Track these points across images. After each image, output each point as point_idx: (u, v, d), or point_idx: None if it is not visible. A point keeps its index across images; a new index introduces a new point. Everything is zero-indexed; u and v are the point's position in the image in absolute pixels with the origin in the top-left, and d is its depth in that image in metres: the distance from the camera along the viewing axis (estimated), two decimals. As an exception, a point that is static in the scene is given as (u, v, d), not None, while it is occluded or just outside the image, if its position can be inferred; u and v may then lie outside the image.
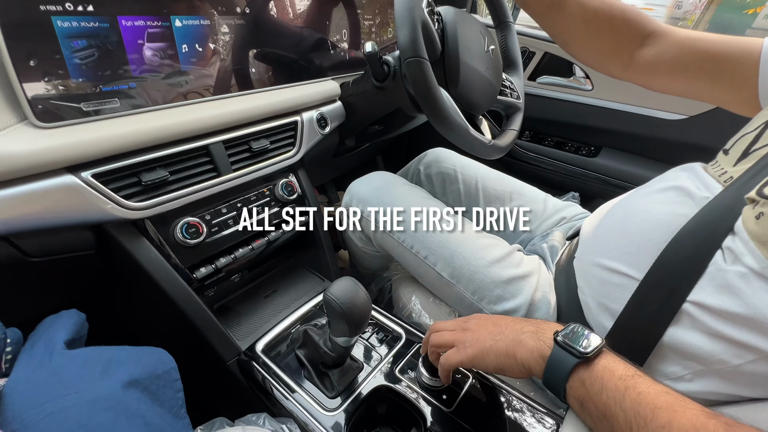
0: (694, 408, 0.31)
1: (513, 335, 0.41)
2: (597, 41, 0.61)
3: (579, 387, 0.35)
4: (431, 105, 0.55)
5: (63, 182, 0.44)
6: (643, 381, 0.33)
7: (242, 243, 0.65)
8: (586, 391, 0.35)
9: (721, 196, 0.41)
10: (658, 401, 0.31)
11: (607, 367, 0.35)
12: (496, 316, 0.46)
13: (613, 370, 0.34)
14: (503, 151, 0.67)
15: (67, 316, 0.43)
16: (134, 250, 0.53)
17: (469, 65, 0.63)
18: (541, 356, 0.38)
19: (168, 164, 0.54)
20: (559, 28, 0.63)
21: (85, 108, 0.47)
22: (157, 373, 0.40)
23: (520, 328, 0.42)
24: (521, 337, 0.40)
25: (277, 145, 0.68)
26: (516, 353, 0.40)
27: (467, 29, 0.64)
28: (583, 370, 0.35)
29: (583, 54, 0.65)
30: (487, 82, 0.67)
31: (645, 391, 0.32)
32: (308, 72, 0.76)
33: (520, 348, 0.40)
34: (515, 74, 0.78)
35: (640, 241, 0.46)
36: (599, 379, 0.34)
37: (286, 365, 0.57)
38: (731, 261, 0.38)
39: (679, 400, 0.31)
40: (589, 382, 0.35)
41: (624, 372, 0.34)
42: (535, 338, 0.40)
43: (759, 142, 0.43)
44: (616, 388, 0.33)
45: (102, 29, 0.47)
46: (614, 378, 0.34)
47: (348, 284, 0.47)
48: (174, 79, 0.56)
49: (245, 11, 0.62)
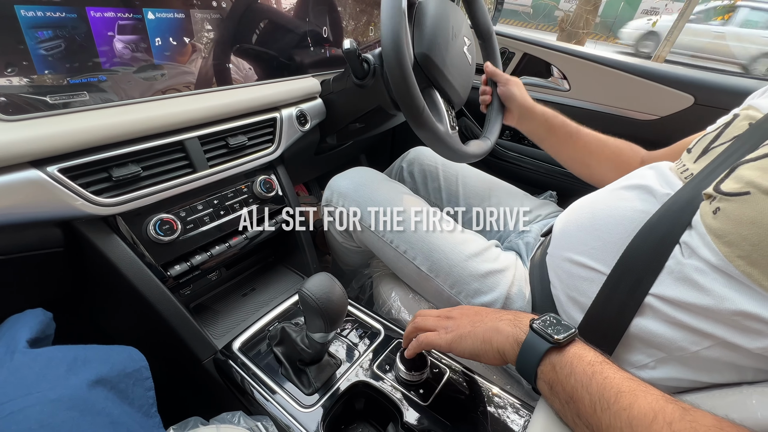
0: (654, 393, 0.32)
1: (491, 323, 0.43)
2: (610, 161, 0.71)
3: (549, 371, 0.37)
4: (407, 101, 0.56)
5: (27, 177, 0.43)
6: (610, 368, 0.35)
7: (219, 240, 0.64)
8: (556, 375, 0.36)
9: (681, 192, 0.43)
10: (622, 386, 0.33)
11: (577, 353, 0.36)
12: (479, 307, 0.48)
13: (582, 357, 0.36)
14: (471, 158, 0.68)
15: (32, 315, 0.42)
16: (105, 247, 0.52)
17: (447, 63, 0.64)
18: (516, 341, 0.39)
19: (140, 160, 0.53)
20: (580, 154, 0.72)
21: (51, 101, 0.46)
22: (127, 371, 0.40)
23: (498, 316, 0.44)
24: (499, 324, 0.42)
25: (255, 142, 0.67)
26: (492, 339, 0.41)
27: (444, 25, 0.65)
28: (554, 355, 0.37)
29: (602, 173, 0.72)
30: (463, 78, 0.68)
31: (611, 376, 0.34)
32: (288, 68, 0.76)
33: (497, 334, 0.41)
34: (489, 41, 0.80)
35: (606, 237, 0.47)
36: (569, 364, 0.36)
37: (263, 363, 0.57)
38: (688, 255, 0.39)
39: (641, 386, 0.33)
40: (560, 366, 0.36)
41: (593, 358, 0.36)
42: (512, 325, 0.41)
43: (718, 141, 0.45)
44: (584, 372, 0.34)
45: (69, 20, 0.45)
46: (583, 363, 0.35)
47: (323, 279, 0.47)
48: (147, 73, 0.55)
49: (221, 5, 0.61)
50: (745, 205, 0.35)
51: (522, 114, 0.75)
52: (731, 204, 0.36)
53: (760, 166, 0.36)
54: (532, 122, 0.75)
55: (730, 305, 0.36)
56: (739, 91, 0.86)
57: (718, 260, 0.37)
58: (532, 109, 0.74)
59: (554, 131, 0.73)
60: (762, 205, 0.34)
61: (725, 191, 0.37)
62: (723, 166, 0.41)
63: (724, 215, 0.37)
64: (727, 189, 0.37)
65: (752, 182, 0.35)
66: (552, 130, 0.73)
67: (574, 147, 0.72)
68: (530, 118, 0.74)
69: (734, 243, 0.35)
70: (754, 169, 0.36)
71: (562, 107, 1.07)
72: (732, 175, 0.38)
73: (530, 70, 1.14)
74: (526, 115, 0.74)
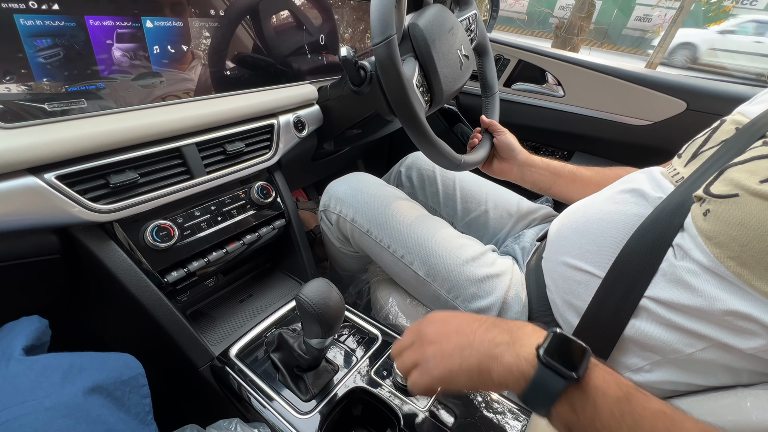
0: (689, 427, 0.28)
1: (485, 348, 0.35)
2: None
3: (567, 413, 0.31)
4: (403, 110, 0.57)
5: (24, 184, 0.43)
6: (638, 401, 0.30)
7: (216, 246, 0.64)
8: (576, 417, 0.30)
9: (672, 196, 0.44)
10: (656, 427, 0.28)
11: (599, 387, 0.30)
12: (458, 318, 0.40)
13: (606, 393, 0.30)
14: (466, 166, 0.67)
15: (27, 322, 0.42)
16: (102, 254, 0.52)
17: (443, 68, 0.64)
18: (522, 376, 0.32)
19: (138, 166, 0.53)
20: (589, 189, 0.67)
21: (49, 108, 0.46)
22: (123, 378, 0.39)
23: (491, 338, 0.36)
24: (495, 351, 0.34)
25: (253, 148, 0.67)
26: (491, 371, 0.34)
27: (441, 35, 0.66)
28: (573, 393, 0.31)
29: None
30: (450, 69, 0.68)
31: (641, 415, 0.29)
32: (286, 75, 0.76)
33: (496, 364, 0.34)
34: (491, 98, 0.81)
35: (600, 241, 0.48)
36: (592, 404, 0.30)
37: (260, 370, 0.57)
38: (681, 257, 0.40)
39: (675, 421, 0.29)
40: (581, 407, 0.30)
41: (617, 392, 0.30)
42: (513, 353, 0.34)
43: (707, 145, 0.46)
44: (612, 414, 0.29)
45: (68, 28, 0.46)
46: (608, 401, 0.30)
47: (320, 285, 0.47)
48: (145, 80, 0.55)
49: (219, 13, 0.61)
50: (734, 206, 0.36)
51: (523, 164, 0.73)
52: (721, 206, 0.37)
53: (748, 169, 0.37)
54: (536, 170, 0.73)
55: (722, 305, 0.36)
56: (731, 97, 0.87)
57: (709, 261, 0.37)
58: (532, 158, 0.73)
59: (560, 174, 0.72)
60: (750, 207, 0.35)
61: (715, 193, 0.38)
62: (712, 169, 0.41)
63: (713, 217, 0.37)
64: (716, 191, 0.38)
65: (740, 184, 0.36)
66: (557, 173, 0.72)
67: (582, 184, 0.70)
68: (532, 166, 0.73)
69: (724, 244, 0.36)
70: (742, 172, 0.37)
71: (557, 113, 1.09)
72: (721, 177, 0.39)
73: (525, 76, 1.15)
74: (527, 164, 0.73)
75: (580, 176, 0.71)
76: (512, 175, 0.75)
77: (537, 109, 1.12)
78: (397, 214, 0.68)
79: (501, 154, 0.75)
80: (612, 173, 0.69)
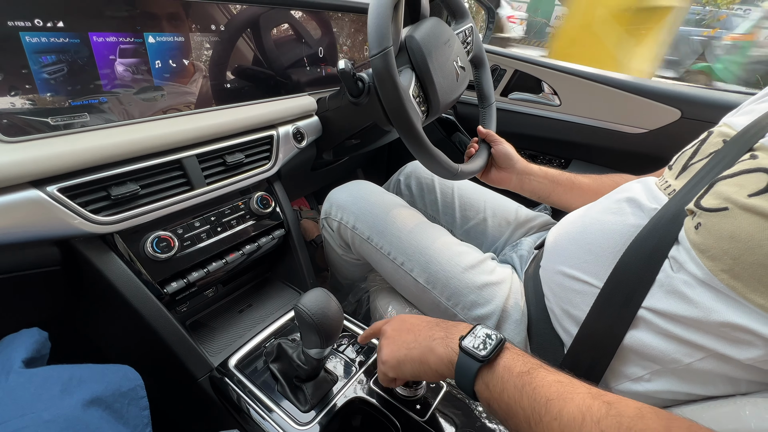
0: (581, 392, 0.32)
1: (425, 342, 0.42)
2: None
3: (484, 390, 0.36)
4: (400, 120, 0.58)
5: (27, 197, 0.44)
6: (539, 374, 0.34)
7: (216, 257, 0.65)
8: (490, 393, 0.36)
9: (666, 208, 0.44)
10: (550, 393, 0.33)
11: (507, 365, 0.36)
12: (412, 320, 0.47)
13: (512, 368, 0.36)
14: (461, 176, 0.68)
15: (27, 334, 0.42)
16: (102, 265, 0.52)
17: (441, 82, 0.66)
18: (450, 362, 0.39)
19: (139, 178, 0.54)
20: (588, 196, 0.69)
21: (52, 122, 0.47)
22: (122, 390, 0.40)
23: (431, 334, 0.43)
24: (432, 344, 0.41)
25: (252, 159, 0.68)
26: (428, 361, 0.41)
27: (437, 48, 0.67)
28: (485, 372, 0.36)
29: None
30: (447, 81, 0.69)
31: (539, 384, 0.33)
32: (285, 87, 0.78)
33: (431, 355, 0.41)
34: (488, 108, 0.82)
35: (597, 250, 0.48)
36: (500, 379, 0.35)
37: (259, 380, 0.57)
38: (677, 269, 0.40)
39: (568, 387, 0.33)
40: (492, 384, 0.36)
41: (521, 368, 0.35)
42: (444, 345, 0.40)
43: (696, 157, 0.47)
44: (515, 386, 0.34)
45: (72, 45, 0.47)
46: (513, 376, 0.35)
47: (319, 294, 0.47)
48: (147, 94, 0.56)
49: (220, 28, 0.63)
50: (725, 220, 0.36)
51: (521, 172, 0.74)
52: (711, 219, 0.37)
53: (737, 183, 0.37)
54: (534, 179, 0.73)
55: (717, 317, 0.36)
56: (724, 105, 0.88)
57: (703, 274, 0.37)
58: (530, 167, 0.74)
59: (558, 182, 0.72)
60: (740, 220, 0.35)
61: (705, 207, 0.38)
62: (703, 182, 0.42)
63: (705, 230, 0.38)
64: (707, 205, 0.38)
65: (729, 198, 0.36)
66: (556, 181, 0.72)
67: (581, 191, 0.71)
68: (531, 174, 0.73)
69: (717, 257, 0.36)
70: (732, 185, 0.37)
71: (554, 122, 1.10)
72: (711, 191, 0.39)
73: (521, 86, 1.17)
74: (526, 173, 0.73)
75: (578, 184, 0.72)
76: (511, 184, 0.75)
77: (534, 118, 1.13)
78: (397, 221, 0.68)
79: (499, 163, 0.75)
80: (609, 180, 0.70)
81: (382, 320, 0.51)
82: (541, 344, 0.55)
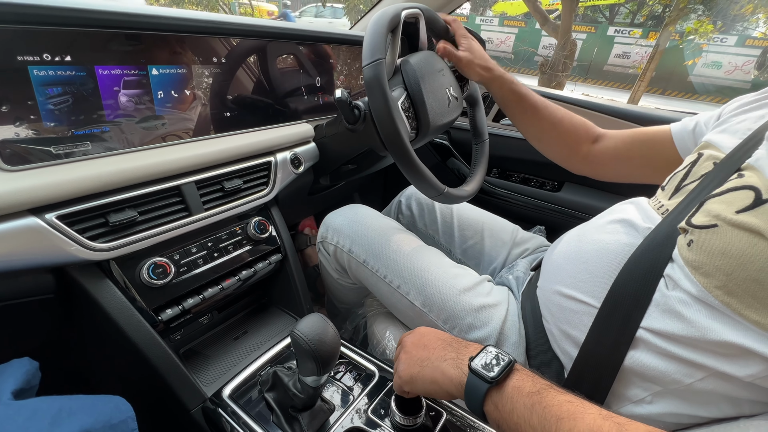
0: (592, 412, 0.32)
1: (437, 362, 0.43)
2: (561, 140, 0.74)
3: (493, 411, 0.36)
4: (393, 144, 0.59)
5: (25, 224, 0.44)
6: (549, 394, 0.35)
7: (212, 282, 0.64)
8: (500, 414, 0.36)
9: (660, 227, 0.45)
10: (561, 412, 0.33)
11: (516, 386, 0.36)
12: (429, 335, 0.47)
13: (521, 389, 0.36)
14: (453, 200, 0.69)
15: (18, 365, 0.41)
16: (97, 292, 0.52)
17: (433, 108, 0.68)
18: (460, 384, 0.39)
19: (138, 204, 0.54)
20: (533, 129, 0.76)
21: (54, 151, 0.48)
22: (113, 422, 0.38)
23: (443, 354, 0.43)
24: (443, 365, 0.42)
25: (251, 185, 0.69)
26: (439, 381, 0.42)
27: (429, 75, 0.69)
28: (494, 393, 0.37)
29: (552, 150, 0.77)
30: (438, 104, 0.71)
31: (549, 404, 0.34)
32: (283, 115, 0.80)
33: (442, 376, 0.41)
34: (481, 145, 0.85)
35: (593, 270, 0.49)
36: (509, 400, 0.36)
37: (254, 411, 0.55)
38: (672, 287, 0.41)
39: (579, 407, 0.33)
40: (501, 405, 0.36)
41: (531, 388, 0.35)
42: (455, 366, 0.41)
43: (687, 179, 0.48)
44: (524, 406, 0.34)
45: (78, 77, 0.49)
46: (522, 396, 0.35)
47: (316, 320, 0.47)
48: (149, 123, 0.58)
49: (221, 60, 0.65)
50: (715, 236, 0.37)
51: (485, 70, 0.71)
52: (702, 236, 0.38)
53: (725, 200, 0.39)
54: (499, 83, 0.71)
55: (714, 336, 0.37)
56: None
57: (698, 291, 0.38)
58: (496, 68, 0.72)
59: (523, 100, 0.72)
60: (729, 236, 0.36)
61: (696, 224, 0.39)
62: (694, 201, 0.43)
63: (697, 247, 0.39)
64: (697, 222, 0.39)
65: (718, 215, 0.38)
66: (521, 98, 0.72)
67: (533, 120, 0.73)
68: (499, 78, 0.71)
69: (710, 273, 0.37)
70: (720, 203, 0.39)
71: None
72: (701, 209, 0.40)
73: (513, 112, 1.20)
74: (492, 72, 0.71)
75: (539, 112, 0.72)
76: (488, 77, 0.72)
77: (525, 143, 1.14)
78: (392, 244, 0.69)
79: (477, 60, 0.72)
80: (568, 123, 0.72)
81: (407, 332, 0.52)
82: (540, 367, 0.55)
